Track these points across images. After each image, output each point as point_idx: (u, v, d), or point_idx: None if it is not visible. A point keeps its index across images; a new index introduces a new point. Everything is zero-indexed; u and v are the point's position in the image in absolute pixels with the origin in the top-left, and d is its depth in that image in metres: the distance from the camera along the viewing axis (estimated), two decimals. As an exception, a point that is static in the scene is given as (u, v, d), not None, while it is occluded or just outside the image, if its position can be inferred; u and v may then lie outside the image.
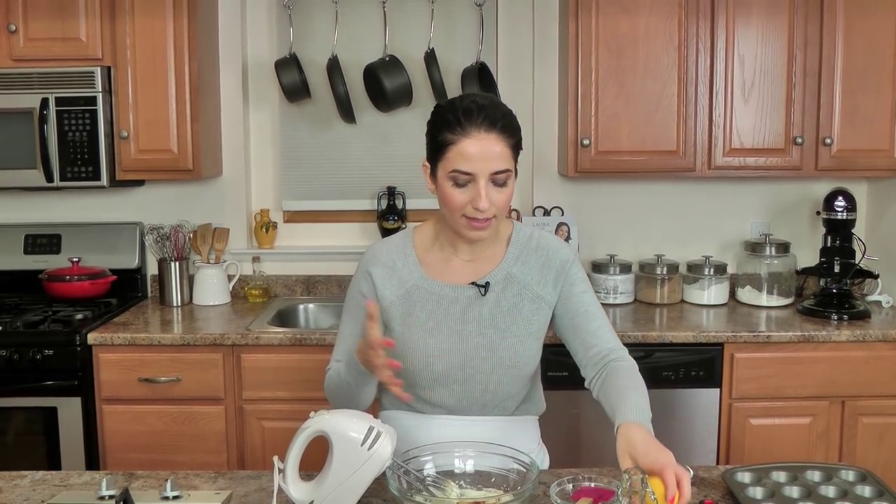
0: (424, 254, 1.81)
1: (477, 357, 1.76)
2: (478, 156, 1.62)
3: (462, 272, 1.79)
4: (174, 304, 3.31)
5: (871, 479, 1.63)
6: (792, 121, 3.04)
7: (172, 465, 2.84)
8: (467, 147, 1.62)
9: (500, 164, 1.64)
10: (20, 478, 1.73)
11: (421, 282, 1.78)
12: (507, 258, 1.80)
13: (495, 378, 1.78)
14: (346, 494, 1.51)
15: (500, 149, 1.64)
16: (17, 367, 2.79)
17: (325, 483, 1.51)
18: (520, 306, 1.78)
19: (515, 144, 1.68)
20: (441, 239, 1.81)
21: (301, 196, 3.57)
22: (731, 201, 3.46)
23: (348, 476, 1.50)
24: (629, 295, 3.31)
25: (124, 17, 3.02)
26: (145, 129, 3.08)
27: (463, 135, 1.63)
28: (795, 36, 3.00)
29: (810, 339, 2.81)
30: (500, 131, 1.64)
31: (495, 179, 1.64)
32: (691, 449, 2.88)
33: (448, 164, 1.65)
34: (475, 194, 1.63)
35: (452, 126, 1.64)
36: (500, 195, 1.66)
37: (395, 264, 1.80)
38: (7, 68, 3.01)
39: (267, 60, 3.42)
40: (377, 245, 1.86)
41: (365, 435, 1.50)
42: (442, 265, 1.80)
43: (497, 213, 1.67)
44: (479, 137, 1.62)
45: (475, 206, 1.64)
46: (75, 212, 3.49)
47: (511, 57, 3.47)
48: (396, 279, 1.79)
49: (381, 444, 1.49)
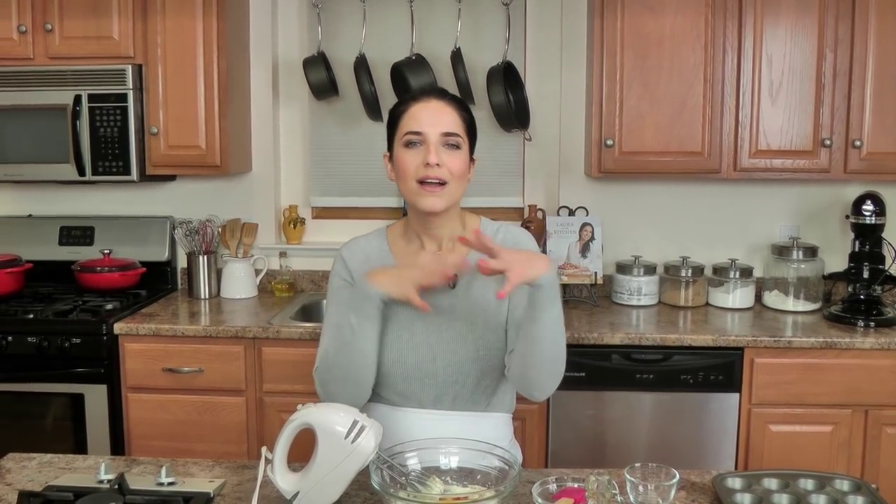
0: (396, 249, 1.87)
1: (447, 350, 1.79)
2: (427, 117, 1.74)
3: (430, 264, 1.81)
4: (202, 296, 3.38)
5: (864, 489, 1.60)
6: (820, 122, 2.98)
7: (194, 453, 2.90)
8: (418, 111, 1.76)
9: (449, 125, 1.74)
10: (29, 459, 1.80)
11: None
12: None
13: (465, 370, 1.80)
14: (331, 486, 1.54)
15: (451, 116, 1.76)
16: (46, 354, 2.89)
17: (310, 475, 1.54)
18: (486, 298, 1.80)
19: (468, 119, 1.79)
20: (409, 233, 1.86)
21: (329, 192, 3.61)
22: (759, 204, 3.41)
23: (332, 468, 1.52)
24: (653, 297, 3.28)
25: (155, 16, 3.10)
26: (174, 126, 3.16)
27: (414, 102, 1.78)
28: (826, 36, 2.94)
29: (833, 346, 2.76)
30: (449, 101, 1.79)
31: (447, 141, 1.73)
32: (710, 454, 2.85)
33: (402, 131, 1.76)
34: (426, 152, 1.72)
35: (406, 101, 1.79)
36: (453, 159, 1.73)
37: (370, 258, 1.85)
38: (43, 66, 3.12)
39: (297, 58, 3.47)
40: (353, 240, 1.91)
41: (349, 428, 1.52)
42: (411, 255, 1.85)
43: (450, 180, 1.73)
44: (430, 103, 1.77)
45: (427, 162, 1.70)
46: (109, 205, 3.60)
47: (539, 57, 3.46)
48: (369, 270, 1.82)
49: (364, 438, 1.52)
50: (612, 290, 3.32)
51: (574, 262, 3.31)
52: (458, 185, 1.77)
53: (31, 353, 2.90)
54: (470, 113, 1.82)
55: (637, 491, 1.54)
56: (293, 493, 1.55)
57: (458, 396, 1.82)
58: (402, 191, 1.79)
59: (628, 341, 2.82)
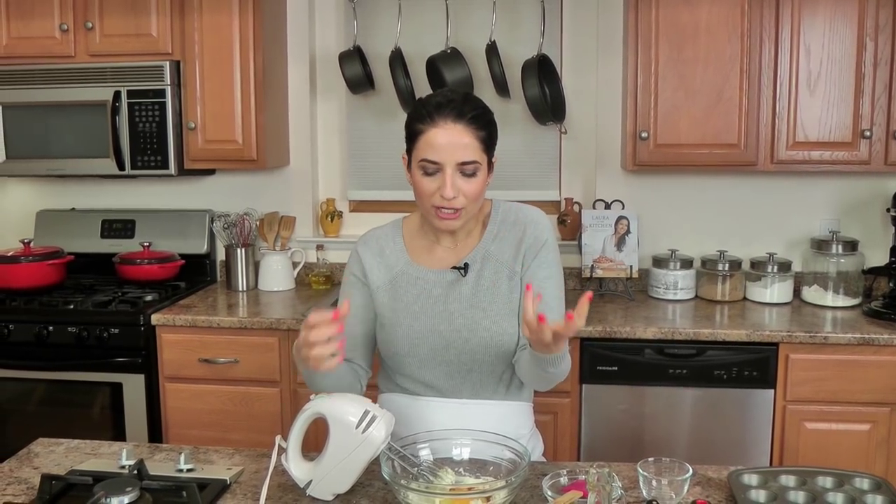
0: (411, 241, 1.87)
1: (460, 338, 1.79)
2: (445, 145, 1.68)
3: (445, 258, 1.84)
4: (239, 289, 3.44)
5: (885, 487, 1.56)
6: (860, 113, 2.91)
7: (229, 442, 2.95)
8: (435, 137, 1.69)
9: (466, 154, 1.69)
10: (57, 445, 1.86)
11: (406, 268, 1.84)
12: (486, 237, 1.84)
13: (479, 358, 1.80)
14: (343, 475, 1.56)
15: (468, 140, 1.69)
16: (86, 343, 2.98)
17: (323, 463, 1.56)
18: (498, 284, 1.80)
19: (486, 137, 1.72)
20: (425, 227, 1.86)
21: (366, 186, 3.64)
22: (798, 197, 3.34)
23: (344, 457, 1.54)
24: (689, 291, 3.24)
25: (193, 13, 3.15)
26: (211, 121, 3.21)
27: (431, 125, 1.69)
28: (866, 24, 2.87)
29: (871, 343, 2.69)
30: (467, 123, 1.70)
31: (463, 170, 1.70)
32: (744, 451, 2.81)
33: (418, 154, 1.71)
34: (442, 183, 1.69)
35: (423, 117, 1.71)
36: (469, 185, 1.71)
37: (384, 251, 1.86)
38: (84, 63, 3.20)
39: (334, 53, 3.50)
40: (369, 232, 1.92)
41: (360, 418, 1.54)
42: (426, 252, 1.86)
43: (467, 205, 1.72)
44: (447, 128, 1.69)
45: (442, 195, 1.69)
46: (150, 198, 3.68)
47: (575, 50, 3.44)
48: (384, 265, 1.85)
49: (375, 428, 1.53)
50: (649, 285, 3.29)
51: (609, 256, 3.28)
52: (475, 205, 1.75)
53: (71, 343, 2.98)
54: (489, 126, 1.75)
55: (650, 485, 1.53)
56: (306, 481, 1.57)
57: (477, 385, 1.83)
58: (419, 205, 1.79)
59: (661, 336, 2.80)
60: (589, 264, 3.28)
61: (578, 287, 3.39)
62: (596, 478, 1.24)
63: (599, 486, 1.24)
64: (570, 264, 3.41)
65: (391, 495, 1.57)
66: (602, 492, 1.23)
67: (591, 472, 1.26)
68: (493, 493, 1.45)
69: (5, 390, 3.05)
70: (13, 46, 3.26)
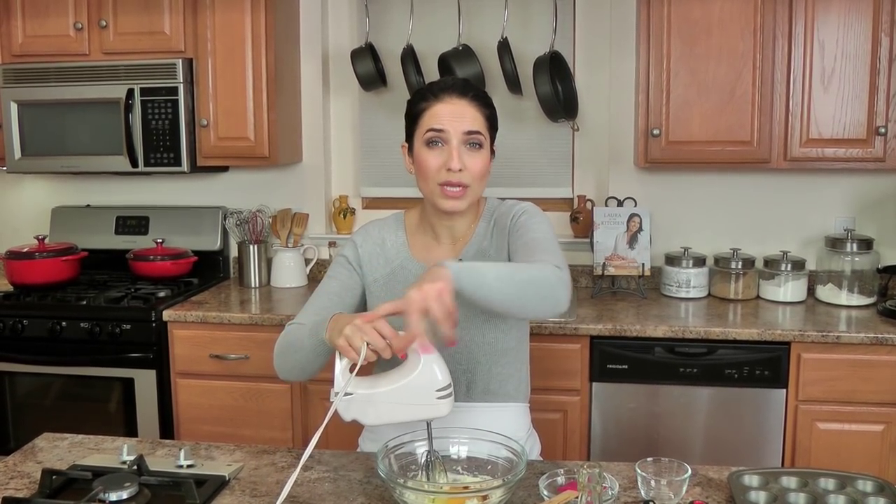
0: (412, 236, 1.87)
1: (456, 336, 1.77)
2: (450, 115, 1.72)
3: (444, 254, 1.83)
4: (252, 285, 3.46)
5: (888, 490, 1.54)
6: (875, 110, 2.87)
7: (239, 438, 2.98)
8: (439, 109, 1.72)
9: (472, 124, 1.72)
10: (61, 440, 1.87)
11: (406, 262, 1.84)
12: (478, 233, 1.84)
13: (474, 357, 1.80)
14: (382, 412, 1.52)
15: (473, 113, 1.73)
16: (98, 339, 3.01)
17: (374, 388, 1.51)
18: None
19: (489, 116, 1.77)
20: (424, 223, 1.86)
21: (379, 183, 3.64)
22: (812, 195, 3.30)
23: (398, 400, 1.50)
24: (702, 289, 3.21)
25: (205, 11, 3.17)
26: (224, 118, 3.23)
27: (435, 101, 1.74)
28: (882, 19, 2.82)
29: (885, 342, 2.66)
30: (471, 99, 1.74)
31: (468, 139, 1.71)
32: (755, 451, 2.79)
33: (423, 128, 1.74)
34: (448, 156, 1.70)
35: (426, 96, 1.75)
36: (474, 160, 1.72)
37: (385, 243, 1.86)
38: (98, 61, 3.23)
39: (347, 50, 3.50)
40: (371, 223, 1.93)
41: (445, 385, 1.49)
42: (426, 248, 1.85)
43: (472, 183, 1.72)
44: (451, 101, 1.73)
45: (449, 167, 1.69)
46: (164, 195, 3.71)
47: (588, 46, 3.42)
48: (383, 258, 1.85)
49: (445, 403, 1.50)
50: (661, 283, 3.27)
51: (622, 254, 3.27)
52: (480, 185, 1.77)
53: (83, 339, 3.01)
54: (491, 107, 1.79)
55: (648, 486, 1.52)
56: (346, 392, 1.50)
57: (471, 385, 1.82)
58: (422, 189, 1.79)
59: (671, 334, 2.78)
60: (601, 262, 3.26)
61: (591, 284, 3.38)
62: (587, 478, 1.24)
63: (590, 486, 1.23)
64: (582, 262, 3.40)
65: (388, 493, 1.57)
66: (593, 492, 1.23)
67: (583, 472, 1.25)
68: (490, 493, 1.45)
69: (19, 385, 3.09)
70: (28, 45, 3.30)
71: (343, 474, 1.69)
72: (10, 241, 3.66)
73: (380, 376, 1.55)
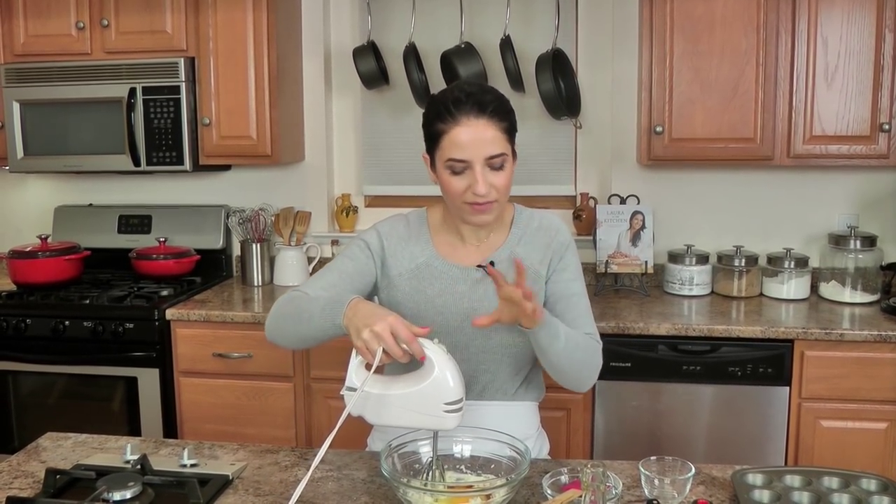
0: (436, 234, 1.85)
1: (481, 336, 1.77)
2: (470, 142, 1.65)
3: (469, 256, 1.82)
4: (255, 283, 3.46)
5: (892, 489, 1.54)
6: (879, 106, 2.86)
7: (243, 437, 2.98)
8: (459, 135, 1.65)
9: (493, 148, 1.66)
10: (65, 439, 1.88)
11: (432, 259, 1.82)
12: (510, 239, 1.82)
13: (497, 358, 1.80)
14: (390, 413, 1.52)
15: (492, 133, 1.66)
16: (101, 338, 3.01)
17: (387, 389, 1.51)
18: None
19: (509, 128, 1.70)
20: (448, 222, 1.84)
21: (381, 181, 3.64)
22: (815, 192, 3.30)
23: (406, 404, 1.50)
24: (705, 287, 3.21)
25: (207, 9, 3.17)
26: (226, 117, 3.23)
27: (454, 123, 1.65)
28: (885, 16, 2.82)
29: (888, 340, 2.65)
30: (489, 116, 1.66)
31: (491, 164, 1.67)
32: (759, 448, 2.78)
33: (443, 154, 1.68)
34: (472, 180, 1.66)
35: (443, 116, 1.67)
36: (499, 178, 1.68)
37: (410, 238, 1.84)
38: (100, 60, 3.24)
39: (349, 48, 3.49)
40: (396, 216, 1.89)
41: (456, 399, 1.49)
42: (450, 247, 1.83)
43: (498, 197, 1.70)
44: (470, 124, 1.65)
45: (474, 192, 1.66)
46: (166, 194, 3.71)
47: (590, 44, 3.42)
48: (408, 253, 1.83)
49: (453, 417, 1.49)
50: (664, 280, 3.27)
51: (624, 252, 3.26)
52: (506, 195, 1.74)
53: (86, 338, 3.02)
54: (510, 115, 1.72)
55: (652, 484, 1.52)
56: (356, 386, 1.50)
57: (489, 385, 1.82)
58: (449, 204, 1.76)
59: (674, 332, 2.77)
60: (604, 259, 3.26)
61: (593, 282, 3.37)
62: (590, 477, 1.23)
63: (594, 485, 1.23)
64: (585, 259, 3.35)
65: (392, 492, 1.57)
66: (597, 491, 1.22)
67: (586, 471, 1.25)
68: (493, 492, 1.45)
69: (23, 384, 3.10)
70: (30, 44, 3.31)
71: (347, 473, 1.69)
72: (13, 240, 3.66)
73: (395, 378, 1.55)
